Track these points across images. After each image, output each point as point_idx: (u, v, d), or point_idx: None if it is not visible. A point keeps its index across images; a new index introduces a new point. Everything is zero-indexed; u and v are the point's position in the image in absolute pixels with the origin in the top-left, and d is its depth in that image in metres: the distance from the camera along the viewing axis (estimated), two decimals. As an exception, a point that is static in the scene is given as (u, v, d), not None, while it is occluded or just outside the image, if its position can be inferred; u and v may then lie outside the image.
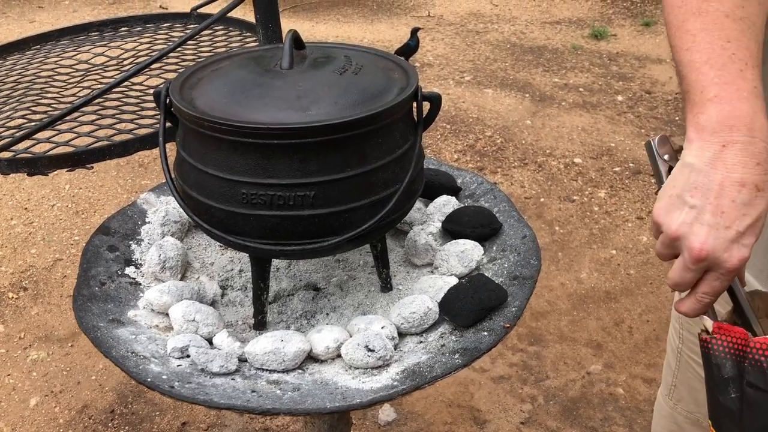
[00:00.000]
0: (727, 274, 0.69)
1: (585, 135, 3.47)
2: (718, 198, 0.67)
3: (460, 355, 0.85)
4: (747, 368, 0.68)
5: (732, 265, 0.68)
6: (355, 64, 0.92)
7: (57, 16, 5.14)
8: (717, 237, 0.67)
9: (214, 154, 0.85)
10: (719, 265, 0.68)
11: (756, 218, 0.67)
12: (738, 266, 0.68)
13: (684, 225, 0.69)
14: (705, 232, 0.68)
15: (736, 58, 0.70)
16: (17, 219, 2.97)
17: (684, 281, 0.71)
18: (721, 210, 0.67)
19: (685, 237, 0.69)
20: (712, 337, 0.70)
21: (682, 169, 0.70)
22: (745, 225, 0.67)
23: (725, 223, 0.67)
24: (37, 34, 1.68)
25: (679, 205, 0.70)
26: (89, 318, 0.91)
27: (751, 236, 0.68)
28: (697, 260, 0.68)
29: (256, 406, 0.78)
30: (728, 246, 0.67)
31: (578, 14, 5.03)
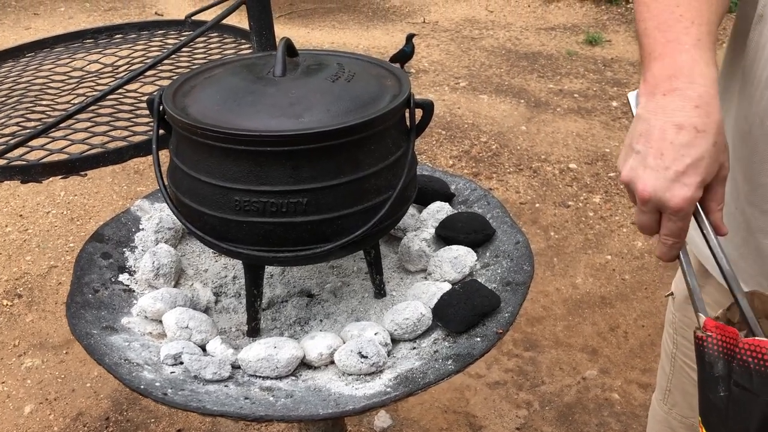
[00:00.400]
0: (675, 213, 0.72)
1: (580, 140, 3.48)
2: (659, 142, 0.71)
3: (453, 361, 0.85)
4: (735, 368, 0.69)
5: (675, 203, 0.71)
6: (348, 72, 0.92)
7: (53, 23, 5.14)
8: (658, 178, 0.71)
9: (207, 161, 0.85)
10: (665, 205, 0.72)
11: (696, 158, 0.70)
12: (681, 205, 0.71)
13: (632, 170, 0.73)
14: (647, 175, 0.71)
15: (683, 19, 0.75)
16: (12, 226, 2.97)
17: (642, 224, 0.76)
18: (661, 152, 0.71)
19: (633, 181, 0.73)
20: (706, 335, 0.71)
21: (633, 122, 0.74)
22: (684, 164, 0.70)
23: (665, 164, 0.71)
24: (32, 41, 1.68)
25: (629, 153, 0.74)
26: (82, 325, 0.91)
27: (693, 175, 0.70)
28: (643, 201, 0.72)
29: (249, 412, 0.78)
30: (669, 186, 0.71)
31: (573, 20, 5.05)
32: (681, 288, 1.11)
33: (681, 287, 1.11)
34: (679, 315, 1.11)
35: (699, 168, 0.70)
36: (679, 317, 1.12)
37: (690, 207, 0.72)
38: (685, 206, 0.71)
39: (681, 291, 1.11)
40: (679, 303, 1.12)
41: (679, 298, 1.12)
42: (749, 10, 0.85)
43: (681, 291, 1.11)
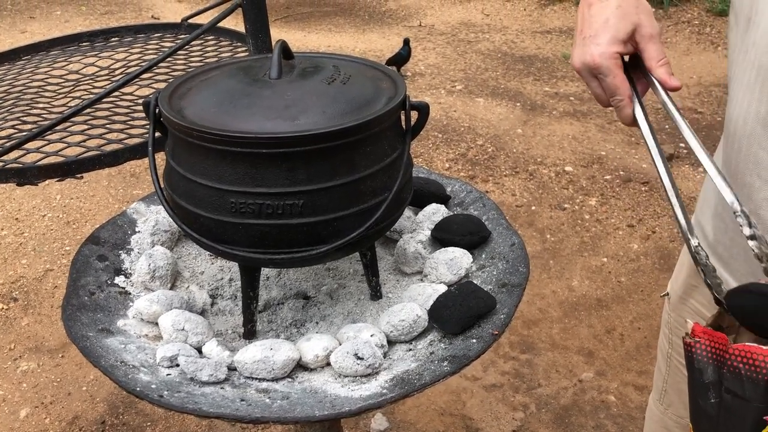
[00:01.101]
0: (596, 69, 0.83)
1: (576, 143, 3.49)
2: (580, 24, 0.87)
3: (449, 363, 0.86)
4: (725, 374, 0.68)
5: (591, 60, 0.83)
6: (344, 74, 0.92)
7: (48, 26, 5.14)
8: (578, 47, 0.86)
9: (203, 163, 0.85)
10: (588, 66, 0.84)
11: (602, 21, 0.84)
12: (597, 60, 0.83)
13: (572, 54, 0.88)
14: (574, 50, 0.86)
15: None
16: (8, 229, 2.96)
17: (593, 94, 0.87)
18: (581, 30, 0.86)
19: (571, 61, 0.87)
20: (695, 341, 0.71)
21: None
22: (593, 29, 0.84)
23: (582, 36, 0.85)
24: (28, 44, 1.68)
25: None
26: (78, 328, 0.91)
27: (600, 35, 0.83)
28: (577, 72, 0.86)
29: (246, 414, 0.79)
30: (584, 50, 0.84)
31: (569, 24, 5.06)
32: (676, 288, 1.12)
33: (676, 288, 1.12)
34: (674, 315, 1.12)
35: (606, 27, 0.83)
36: (674, 317, 1.12)
37: (606, 61, 0.83)
38: (601, 60, 0.83)
39: (676, 291, 1.12)
40: (674, 303, 1.13)
41: (674, 298, 1.12)
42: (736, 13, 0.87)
43: (676, 291, 1.12)
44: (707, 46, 4.60)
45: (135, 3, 5.70)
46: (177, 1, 5.73)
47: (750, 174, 0.86)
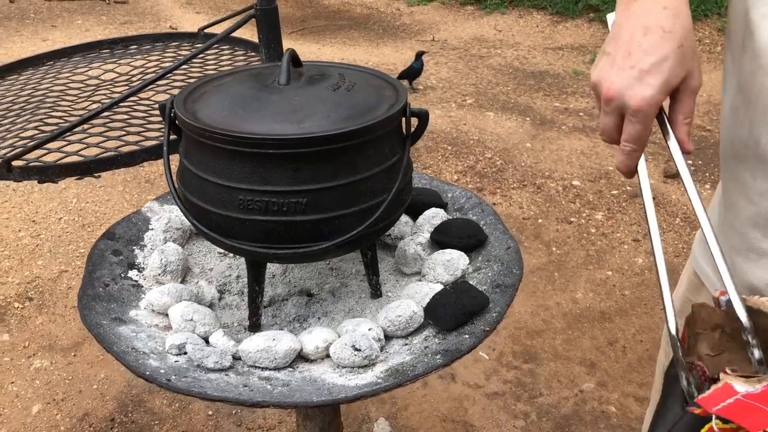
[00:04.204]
0: (635, 113, 0.73)
1: (584, 158, 3.53)
2: (627, 43, 0.73)
3: (442, 356, 0.90)
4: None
5: (636, 102, 0.72)
6: (349, 82, 0.98)
7: (69, 35, 5.25)
8: (622, 77, 0.73)
9: (214, 162, 0.90)
10: (626, 104, 0.73)
11: (661, 57, 0.72)
12: (641, 104, 0.72)
13: (600, 71, 0.75)
14: (614, 74, 0.73)
15: None
16: (25, 231, 3.04)
17: (605, 127, 0.77)
18: (628, 52, 0.73)
19: (600, 81, 0.75)
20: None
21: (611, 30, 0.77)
22: (648, 63, 0.72)
23: (630, 63, 0.72)
24: (51, 50, 1.75)
25: (600, 57, 0.76)
26: (93, 316, 0.97)
27: (657, 75, 0.72)
28: (607, 100, 0.74)
29: (248, 398, 0.83)
30: (632, 84, 0.72)
31: (580, 40, 5.11)
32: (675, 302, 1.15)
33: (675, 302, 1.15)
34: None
35: (663, 68, 0.72)
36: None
37: (650, 109, 0.73)
38: (645, 107, 0.73)
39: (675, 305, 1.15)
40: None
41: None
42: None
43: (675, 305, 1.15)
44: (718, 64, 4.64)
45: (154, 13, 5.81)
46: (195, 12, 5.83)
47: (737, 194, 0.90)
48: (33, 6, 5.91)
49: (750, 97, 0.83)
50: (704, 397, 0.65)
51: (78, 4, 6.00)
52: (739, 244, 0.91)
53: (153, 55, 1.70)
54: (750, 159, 0.85)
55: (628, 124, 0.74)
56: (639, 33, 0.73)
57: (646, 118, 0.73)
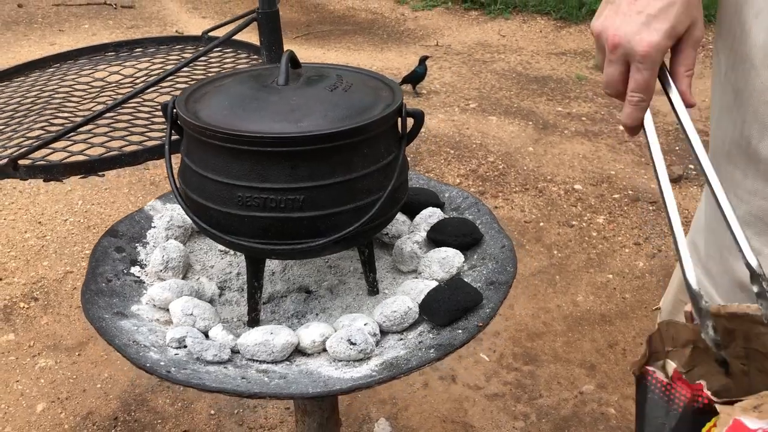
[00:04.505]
0: (643, 59, 0.71)
1: (586, 162, 3.55)
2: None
3: (435, 350, 0.92)
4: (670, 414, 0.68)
5: (643, 48, 0.70)
6: (346, 82, 1.00)
7: (77, 39, 5.30)
8: (629, 22, 0.71)
9: (214, 160, 0.93)
10: (634, 50, 0.71)
11: (668, 2, 0.70)
12: (649, 50, 0.70)
13: (605, 19, 0.73)
14: (619, 20, 0.72)
15: None
16: (31, 232, 3.07)
17: (610, 78, 0.74)
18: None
19: (605, 29, 0.73)
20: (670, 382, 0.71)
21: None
22: (656, 8, 0.70)
23: (638, 8, 0.71)
24: (57, 53, 1.78)
25: (603, 6, 0.75)
26: (95, 310, 0.99)
27: (663, 21, 0.70)
28: (613, 47, 0.72)
29: (245, 390, 0.85)
30: (639, 29, 0.71)
31: (583, 46, 5.13)
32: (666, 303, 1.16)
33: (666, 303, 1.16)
34: None
35: (669, 13, 0.70)
36: None
37: (658, 54, 0.71)
38: (653, 52, 0.71)
39: (666, 306, 1.16)
40: (664, 317, 1.17)
41: (665, 313, 1.16)
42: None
43: (666, 306, 1.16)
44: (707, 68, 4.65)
45: (160, 18, 5.86)
46: (201, 17, 5.88)
47: (727, 192, 0.92)
48: (41, 10, 5.97)
49: (742, 97, 0.84)
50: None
51: (85, 8, 6.06)
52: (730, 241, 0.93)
53: (157, 57, 1.73)
54: (741, 158, 0.87)
55: (636, 72, 0.72)
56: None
57: (654, 64, 0.72)
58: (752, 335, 0.75)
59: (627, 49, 0.72)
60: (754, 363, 0.76)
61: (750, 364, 0.76)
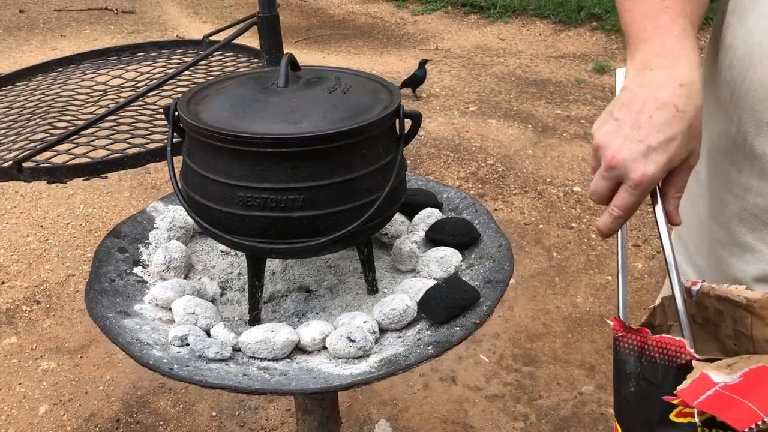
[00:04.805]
0: (635, 186, 0.73)
1: (585, 165, 3.56)
2: (638, 113, 0.73)
3: (433, 347, 0.94)
4: (643, 364, 0.72)
5: (638, 177, 0.72)
6: (344, 84, 1.02)
7: (78, 44, 5.32)
8: (629, 148, 0.72)
9: (215, 161, 0.95)
10: (627, 176, 0.73)
11: (669, 137, 0.72)
12: (643, 179, 0.72)
13: (606, 134, 0.75)
14: (620, 142, 0.73)
15: (669, 11, 0.79)
16: (33, 236, 3.09)
17: (599, 189, 0.76)
18: (638, 124, 0.73)
19: (605, 146, 0.75)
20: (621, 336, 0.74)
21: (619, 92, 0.78)
22: (657, 141, 0.72)
23: (639, 136, 0.72)
24: (60, 58, 1.80)
25: (607, 119, 0.76)
26: (99, 309, 1.00)
27: (662, 154, 0.72)
28: (609, 167, 0.74)
29: (246, 386, 0.87)
30: (638, 158, 0.72)
31: (582, 49, 5.15)
32: None
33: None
34: None
35: (669, 148, 0.72)
36: None
37: (650, 184, 0.73)
38: (646, 182, 0.73)
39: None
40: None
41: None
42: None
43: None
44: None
45: (161, 23, 5.89)
46: (201, 22, 5.90)
47: (722, 189, 0.93)
48: (42, 16, 6.00)
49: (738, 94, 0.85)
50: (683, 390, 0.67)
51: (86, 14, 6.08)
52: (725, 238, 0.94)
53: (159, 61, 1.75)
54: (736, 154, 0.88)
55: (625, 193, 0.74)
56: (651, 106, 0.73)
57: (644, 192, 0.74)
58: (737, 317, 0.79)
59: (622, 173, 0.73)
60: (742, 345, 0.79)
61: (739, 345, 0.80)
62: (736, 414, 0.63)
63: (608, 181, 0.75)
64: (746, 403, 0.64)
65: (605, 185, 0.75)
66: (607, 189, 0.75)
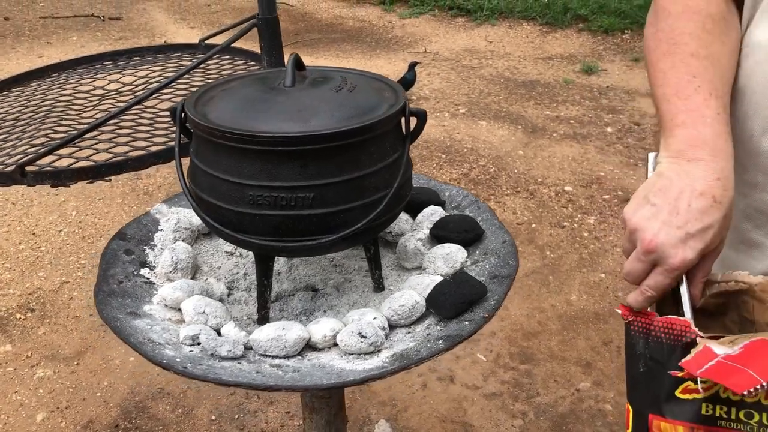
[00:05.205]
0: (671, 270, 0.76)
1: (575, 164, 3.59)
2: (677, 200, 0.76)
3: (444, 341, 0.95)
4: (650, 344, 0.76)
5: (675, 262, 0.75)
6: (350, 84, 1.03)
7: (65, 51, 5.30)
8: (668, 233, 0.75)
9: (225, 160, 0.95)
10: (665, 260, 0.76)
11: (707, 225, 0.76)
12: (680, 265, 0.75)
13: (643, 219, 0.77)
14: (658, 227, 0.76)
15: (701, 90, 0.81)
16: (25, 244, 3.07)
17: (634, 271, 0.79)
18: (677, 211, 0.76)
19: (642, 230, 0.77)
20: (631, 320, 0.79)
21: (653, 177, 0.81)
22: (696, 228, 0.75)
23: (678, 223, 0.75)
24: (55, 63, 1.80)
25: (643, 204, 0.78)
26: (109, 310, 1.01)
27: (700, 241, 0.75)
28: (647, 251, 0.76)
29: (260, 383, 0.88)
30: (676, 244, 0.75)
31: (570, 50, 5.20)
32: None
33: None
34: None
35: (707, 235, 0.76)
36: None
37: (686, 269, 0.76)
38: (682, 267, 0.76)
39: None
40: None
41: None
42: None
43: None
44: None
45: (148, 29, 5.87)
46: (189, 27, 5.90)
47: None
48: (28, 23, 5.97)
49: (744, 93, 0.87)
50: (687, 361, 0.72)
51: (73, 20, 6.06)
52: (730, 236, 0.95)
53: (156, 65, 1.75)
54: (741, 152, 0.89)
55: (660, 276, 0.77)
56: (689, 195, 0.76)
57: (678, 276, 0.77)
58: (740, 303, 0.83)
59: (660, 257, 0.76)
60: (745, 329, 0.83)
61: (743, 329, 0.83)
62: (736, 380, 0.67)
63: (644, 264, 0.77)
64: (746, 370, 0.68)
65: (641, 267, 0.78)
66: (644, 271, 0.78)
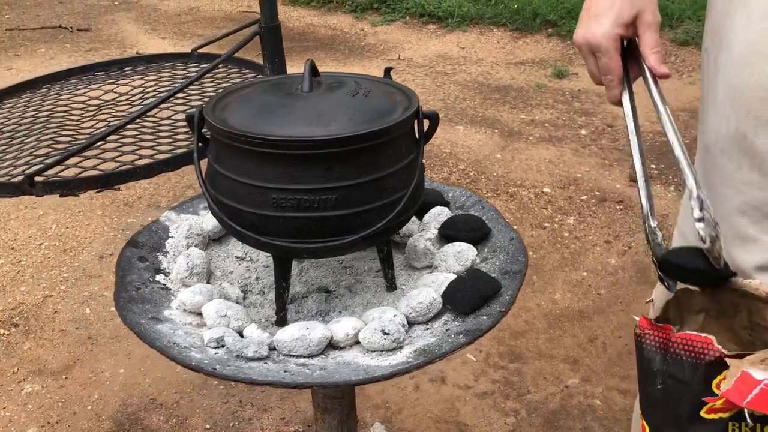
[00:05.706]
0: (599, 48, 0.90)
1: (552, 167, 3.66)
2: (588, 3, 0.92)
3: (464, 336, 0.98)
4: (669, 361, 0.76)
5: (595, 39, 0.90)
6: (364, 88, 1.06)
7: (34, 63, 5.23)
8: (583, 25, 0.91)
9: (246, 164, 0.97)
10: (590, 43, 0.91)
11: (609, 2, 0.89)
12: (599, 39, 0.89)
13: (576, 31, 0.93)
14: (578, 27, 0.93)
15: None
16: (5, 258, 3.02)
17: (589, 70, 0.94)
18: (588, 8, 0.92)
19: (574, 38, 0.94)
20: (644, 333, 0.78)
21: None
22: (601, 9, 0.90)
23: (590, 14, 0.91)
24: (47, 74, 1.79)
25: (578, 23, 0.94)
26: (131, 316, 1.02)
27: (608, 15, 0.89)
28: (578, 47, 0.93)
29: (291, 381, 0.90)
30: (589, 26, 0.90)
31: (541, 55, 5.29)
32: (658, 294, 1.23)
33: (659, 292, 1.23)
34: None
35: (614, 8, 0.89)
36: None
37: (608, 41, 0.89)
38: (603, 40, 0.89)
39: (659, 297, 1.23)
40: (656, 309, 1.24)
41: (657, 304, 1.23)
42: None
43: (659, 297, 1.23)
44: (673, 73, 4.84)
45: (119, 40, 5.82)
46: (160, 38, 5.86)
47: (722, 185, 0.97)
48: (-6, 36, 5.87)
49: (736, 93, 0.91)
50: (729, 391, 0.69)
51: (40, 32, 5.98)
52: (726, 231, 0.99)
53: (150, 75, 1.76)
54: (735, 152, 0.92)
55: (599, 59, 0.91)
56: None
57: (606, 49, 0.90)
58: (754, 309, 0.83)
59: (585, 46, 0.92)
60: (758, 335, 0.84)
61: (755, 335, 0.84)
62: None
63: (587, 59, 0.93)
64: None
65: (588, 64, 0.93)
66: (592, 65, 0.93)
